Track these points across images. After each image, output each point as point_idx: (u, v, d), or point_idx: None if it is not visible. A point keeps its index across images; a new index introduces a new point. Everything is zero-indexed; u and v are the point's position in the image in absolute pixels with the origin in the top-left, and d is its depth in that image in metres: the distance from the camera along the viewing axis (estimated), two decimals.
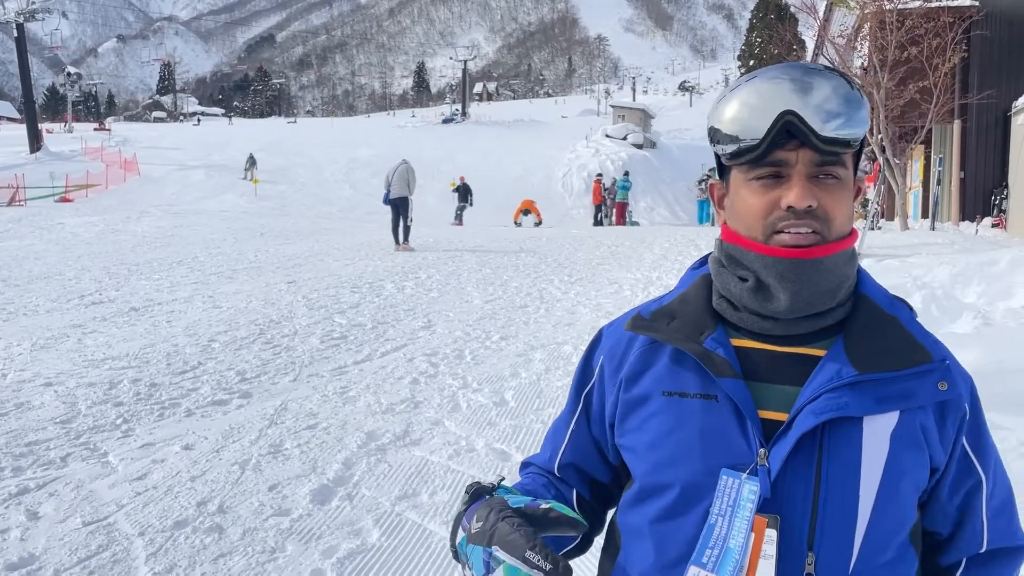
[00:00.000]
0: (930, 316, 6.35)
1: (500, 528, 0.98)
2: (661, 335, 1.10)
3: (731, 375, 1.04)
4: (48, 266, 12.75)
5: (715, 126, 1.08)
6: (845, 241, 1.06)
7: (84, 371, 6.44)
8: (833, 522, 1.00)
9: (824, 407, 1.00)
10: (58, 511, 3.91)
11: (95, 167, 37.86)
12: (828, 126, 1.00)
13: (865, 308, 1.09)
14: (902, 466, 1.02)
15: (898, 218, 13.44)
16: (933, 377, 1.04)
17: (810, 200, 1.01)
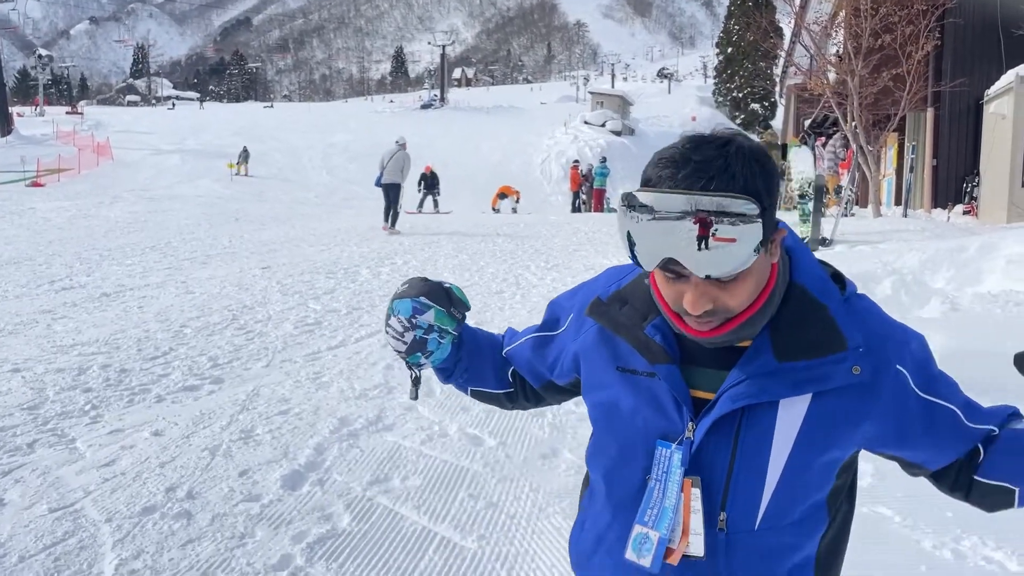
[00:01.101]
0: (899, 302, 6.43)
1: (429, 287, 1.41)
2: (611, 324, 1.26)
3: (665, 361, 1.20)
4: (18, 251, 12.56)
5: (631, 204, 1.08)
6: (752, 307, 1.12)
7: (53, 357, 6.37)
8: (743, 488, 1.16)
9: (742, 393, 1.14)
10: (24, 497, 3.87)
11: (67, 151, 37.24)
12: (711, 272, 1.05)
13: (795, 299, 1.18)
14: (813, 443, 1.16)
15: (871, 205, 13.56)
16: (847, 363, 1.15)
17: (705, 306, 1.09)
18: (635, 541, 1.19)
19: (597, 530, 1.31)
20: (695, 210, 1.02)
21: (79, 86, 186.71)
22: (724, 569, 1.19)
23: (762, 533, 1.18)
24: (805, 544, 1.23)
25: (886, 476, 4.22)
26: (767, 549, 1.19)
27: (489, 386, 1.53)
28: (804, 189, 10.61)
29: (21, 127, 44.28)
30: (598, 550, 1.31)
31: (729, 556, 1.18)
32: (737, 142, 1.10)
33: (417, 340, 1.40)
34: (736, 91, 69.17)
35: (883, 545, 3.58)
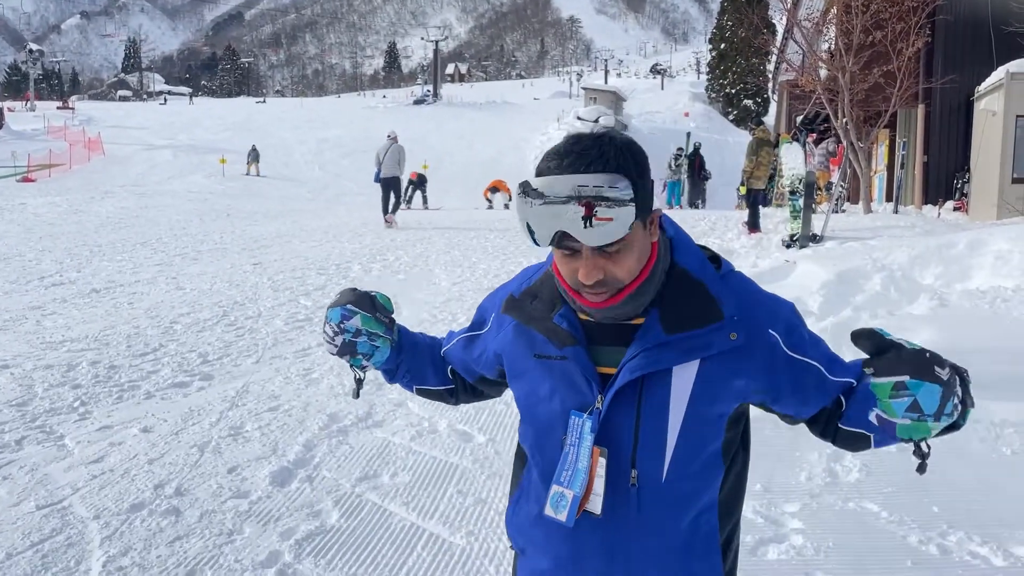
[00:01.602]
0: (888, 298, 6.45)
1: (356, 296, 1.57)
2: (523, 318, 1.45)
3: (572, 343, 1.37)
4: (8, 247, 12.52)
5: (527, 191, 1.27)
6: (637, 280, 1.31)
7: (42, 353, 6.35)
8: (648, 446, 1.34)
9: (639, 364, 1.32)
10: (11, 494, 3.86)
11: (58, 146, 37.08)
12: (593, 242, 1.23)
13: (677, 278, 1.37)
14: (704, 400, 1.34)
15: (862, 201, 13.59)
16: (725, 331, 1.33)
17: (597, 275, 1.28)
18: (552, 499, 1.36)
19: (528, 499, 1.47)
20: (579, 195, 1.22)
21: (70, 81, 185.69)
22: (638, 519, 1.36)
23: (669, 484, 1.35)
24: (707, 491, 1.39)
25: (873, 471, 4.25)
26: (674, 498, 1.36)
27: (431, 383, 1.71)
28: (795, 185, 10.64)
29: (11, 122, 44.07)
30: (530, 514, 1.46)
31: (641, 508, 1.35)
32: (611, 135, 1.30)
33: (347, 343, 1.56)
34: (729, 87, 69.22)
35: (869, 540, 3.61)
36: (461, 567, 3.34)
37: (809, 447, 4.51)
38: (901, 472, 4.25)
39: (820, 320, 6.00)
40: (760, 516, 3.76)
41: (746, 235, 11.97)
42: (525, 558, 1.52)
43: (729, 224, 13.63)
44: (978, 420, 4.77)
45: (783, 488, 4.06)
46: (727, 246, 10.91)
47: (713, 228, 13.24)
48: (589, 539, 1.38)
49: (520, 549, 1.52)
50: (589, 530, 1.38)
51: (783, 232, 11.42)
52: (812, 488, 4.06)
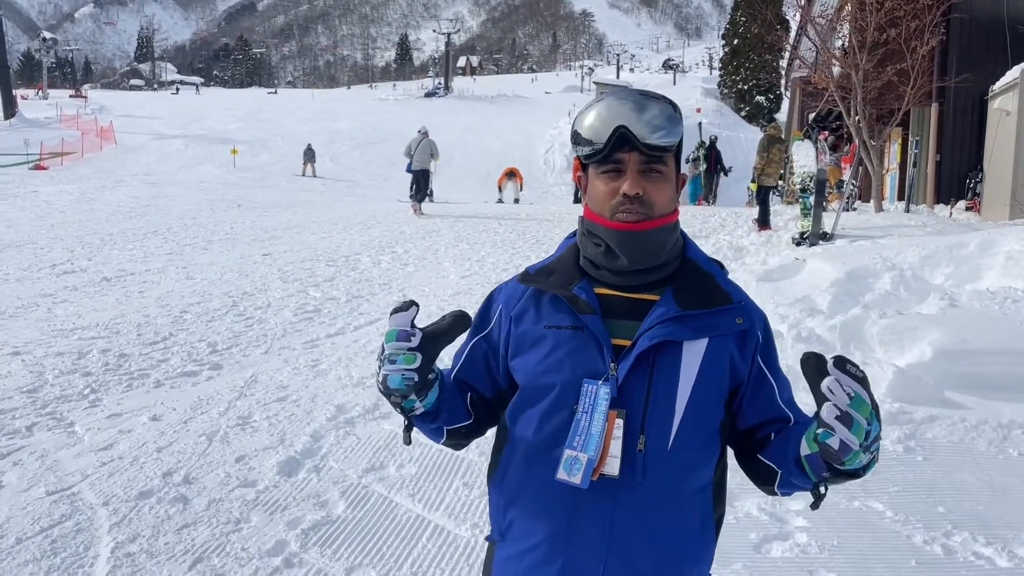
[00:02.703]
0: (898, 297, 6.43)
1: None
2: (542, 285, 1.51)
3: (590, 312, 1.45)
4: (20, 234, 12.59)
5: (576, 130, 1.47)
6: (666, 218, 1.47)
7: (53, 340, 6.40)
8: (658, 415, 1.41)
9: (655, 334, 1.41)
10: (22, 480, 3.90)
11: (71, 135, 37.22)
12: (650, 137, 1.41)
13: (688, 266, 1.52)
14: (709, 376, 1.43)
15: (873, 200, 13.53)
16: (732, 314, 1.47)
17: (637, 189, 1.42)
18: (566, 463, 1.39)
19: (523, 471, 1.48)
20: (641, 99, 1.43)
21: (83, 69, 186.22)
22: (643, 484, 1.40)
23: (674, 453, 1.41)
24: (706, 467, 1.46)
25: (879, 471, 4.24)
26: (677, 467, 1.42)
27: (462, 419, 1.58)
28: (806, 183, 10.59)
29: (25, 110, 44.23)
30: (523, 486, 1.48)
31: (647, 473, 1.40)
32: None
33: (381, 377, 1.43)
34: (741, 83, 68.86)
35: (874, 539, 3.61)
36: (465, 559, 3.36)
37: None
38: (907, 472, 4.26)
39: (829, 318, 5.98)
40: (765, 513, 3.76)
41: (756, 232, 11.94)
42: (505, 543, 1.51)
43: (739, 221, 13.59)
44: (985, 421, 4.76)
45: None
46: (737, 243, 10.88)
47: (723, 225, 13.20)
48: (589, 506, 1.40)
49: (501, 532, 1.52)
50: (591, 495, 1.39)
51: (793, 230, 11.38)
52: None
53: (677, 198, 1.52)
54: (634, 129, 1.40)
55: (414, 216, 16.28)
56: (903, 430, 4.66)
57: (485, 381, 1.61)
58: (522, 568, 1.46)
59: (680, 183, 1.53)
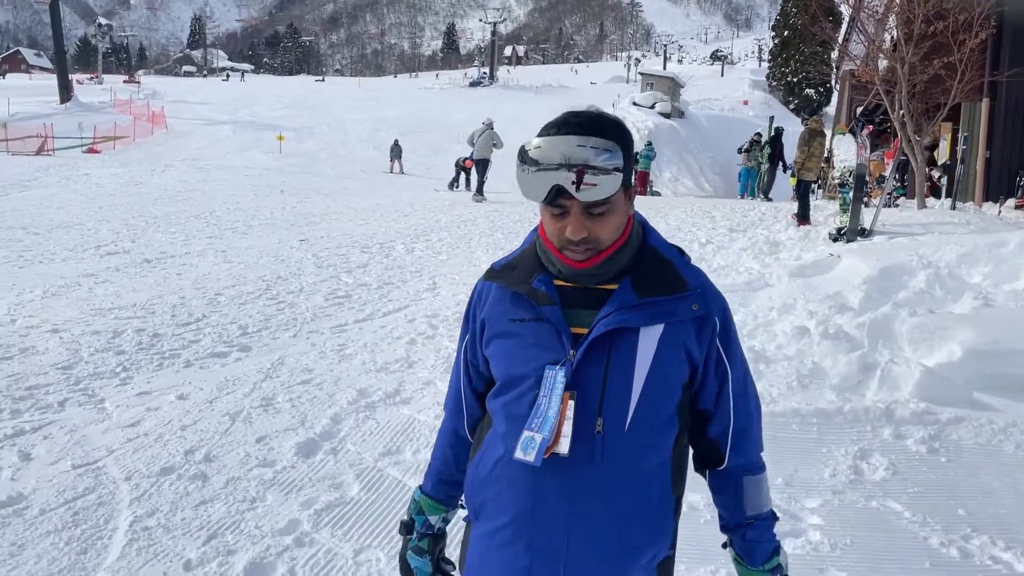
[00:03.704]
0: (933, 295, 6.29)
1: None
2: (504, 282, 1.58)
3: (549, 304, 1.50)
4: (69, 215, 12.94)
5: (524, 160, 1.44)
6: (615, 244, 1.49)
7: (91, 319, 6.58)
8: (615, 397, 1.46)
9: (610, 321, 1.46)
10: (50, 453, 4.03)
11: (123, 119, 38.10)
12: (585, 197, 1.40)
13: (648, 254, 1.55)
14: (666, 361, 1.48)
15: (917, 196, 13.21)
16: (689, 301, 1.51)
17: (582, 233, 1.44)
18: (523, 443, 1.46)
19: (496, 454, 1.55)
20: (570, 161, 1.38)
21: (137, 55, 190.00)
22: (602, 465, 1.46)
23: (631, 434, 1.47)
24: (663, 446, 1.52)
25: (900, 471, 4.18)
26: (635, 447, 1.48)
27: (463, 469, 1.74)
28: (845, 178, 10.38)
29: (80, 94, 45.33)
30: (495, 468, 1.55)
31: (605, 454, 1.46)
32: (600, 112, 1.48)
33: None
34: (791, 76, 67.62)
35: (889, 539, 3.56)
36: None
37: (837, 444, 4.45)
38: (929, 473, 4.18)
39: (858, 315, 5.89)
40: (779, 510, 3.69)
41: (795, 227, 11.76)
42: (479, 522, 1.59)
43: (779, 216, 13.41)
44: (1015, 423, 4.65)
45: (805, 483, 4.02)
46: (774, 238, 10.73)
47: (762, 219, 13.03)
48: (551, 485, 1.46)
49: (475, 512, 1.60)
50: (552, 475, 1.46)
51: (832, 225, 11.19)
52: (835, 485, 4.01)
53: (630, 206, 1.54)
54: (570, 190, 1.40)
55: (452, 203, 16.35)
56: (928, 430, 4.58)
57: (482, 381, 1.71)
58: (493, 545, 1.54)
59: (632, 193, 1.55)
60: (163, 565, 3.11)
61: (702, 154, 42.32)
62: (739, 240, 10.73)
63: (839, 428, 4.63)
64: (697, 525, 3.43)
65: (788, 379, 5.20)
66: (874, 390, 4.99)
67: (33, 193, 15.80)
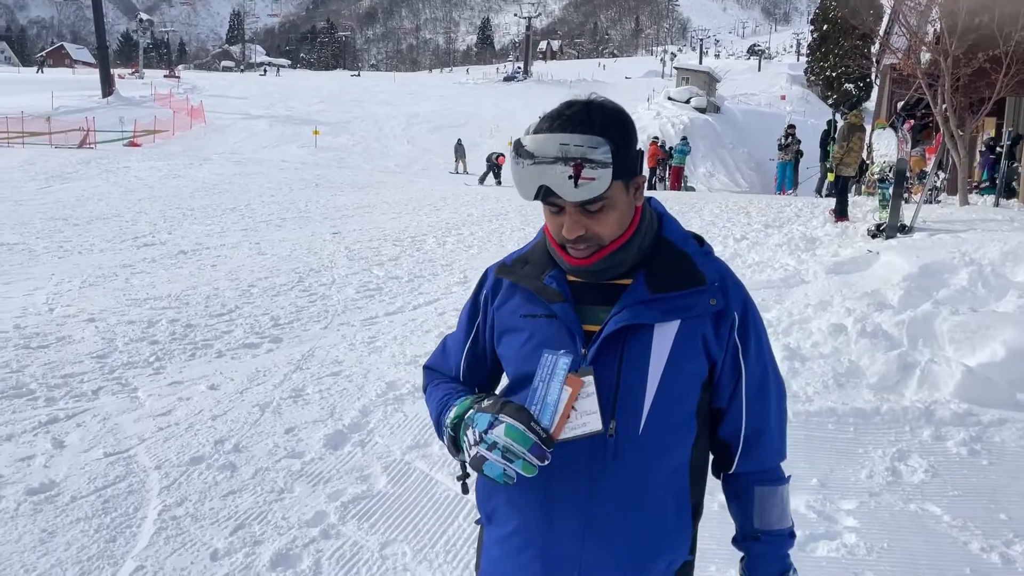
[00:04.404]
0: (975, 294, 6.13)
1: (508, 406, 1.35)
2: (515, 278, 1.52)
3: (560, 301, 1.44)
4: (109, 207, 13.15)
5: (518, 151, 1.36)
6: (620, 239, 1.41)
7: (126, 309, 6.66)
8: (628, 398, 1.39)
9: (622, 317, 1.39)
10: (83, 441, 4.07)
11: (163, 113, 38.63)
12: (575, 197, 1.33)
13: (663, 247, 1.47)
14: (682, 359, 1.40)
15: (959, 192, 12.91)
16: (706, 295, 1.43)
17: (578, 231, 1.37)
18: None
19: None
20: (564, 155, 1.31)
21: (178, 50, 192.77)
22: (614, 469, 1.39)
23: (645, 437, 1.39)
24: (680, 449, 1.44)
25: (940, 473, 4.07)
26: (650, 451, 1.40)
27: None
28: (884, 173, 10.16)
29: (121, 89, 46.04)
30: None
31: (618, 458, 1.39)
32: (601, 102, 1.40)
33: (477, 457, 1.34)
34: (830, 70, 66.56)
35: (927, 543, 3.46)
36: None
37: (874, 444, 4.35)
38: (970, 476, 4.07)
39: (898, 313, 5.75)
40: (813, 511, 3.65)
41: (832, 223, 11.55)
42: (491, 527, 1.53)
43: (815, 211, 13.19)
44: None
45: (841, 485, 3.93)
46: (811, 234, 10.55)
47: (798, 215, 12.82)
48: (563, 490, 1.40)
49: (487, 516, 1.54)
50: (563, 480, 1.39)
51: (870, 221, 10.97)
52: (872, 486, 3.92)
53: (638, 196, 1.45)
54: (559, 191, 1.33)
55: (483, 197, 16.35)
56: (969, 432, 4.45)
57: (485, 371, 1.63)
58: (507, 551, 1.48)
59: (639, 183, 1.44)
60: (190, 554, 3.12)
61: (737, 149, 41.85)
62: (775, 236, 10.56)
63: (876, 428, 4.52)
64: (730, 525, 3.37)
65: (824, 378, 5.09)
66: (913, 390, 4.87)
67: (75, 185, 16.09)
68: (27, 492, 3.51)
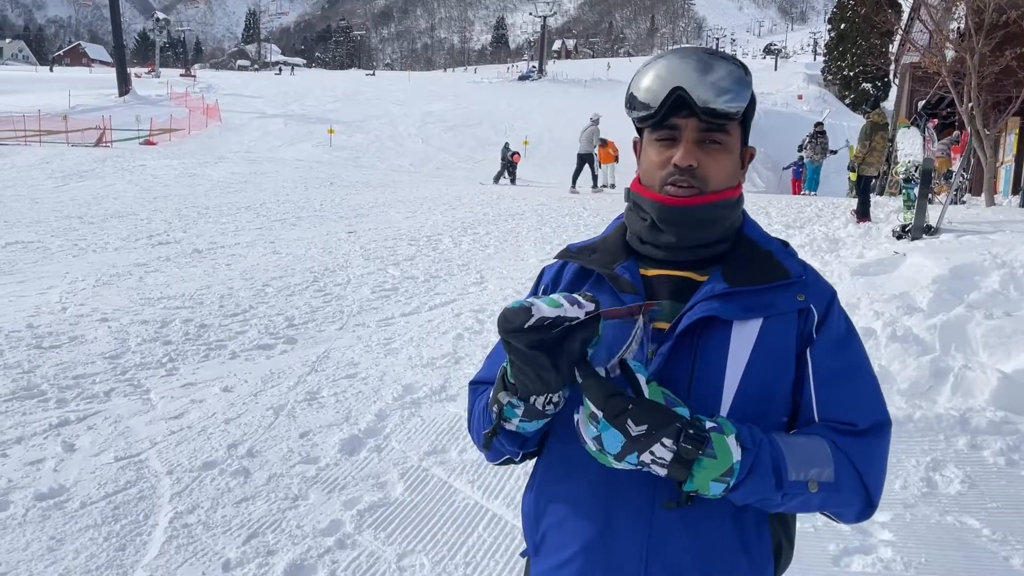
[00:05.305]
0: (1008, 297, 5.95)
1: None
2: (584, 262, 1.40)
3: (632, 292, 1.31)
4: (124, 205, 13.12)
5: (632, 93, 1.33)
6: (722, 193, 1.32)
7: (140, 308, 6.58)
8: (701, 405, 1.23)
9: (698, 311, 1.26)
10: (94, 445, 3.98)
11: (179, 112, 38.74)
12: (711, 100, 1.26)
13: (743, 243, 1.37)
14: (764, 363, 1.25)
15: (985, 193, 12.68)
16: (792, 290, 1.30)
17: (690, 160, 1.28)
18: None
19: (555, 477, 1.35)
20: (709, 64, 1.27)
21: (194, 50, 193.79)
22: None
23: None
24: None
25: (977, 484, 3.92)
26: None
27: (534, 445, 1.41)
28: (910, 173, 9.97)
29: (138, 88, 46.24)
30: (558, 494, 1.33)
31: None
32: None
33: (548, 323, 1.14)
34: (847, 69, 66.03)
35: (966, 558, 3.32)
36: (521, 551, 3.23)
37: (907, 454, 4.20)
38: (1008, 487, 3.91)
39: (928, 317, 5.58)
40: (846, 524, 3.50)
41: (854, 224, 11.36)
42: (539, 558, 1.38)
43: (836, 212, 12.99)
44: None
45: None
46: (833, 234, 10.37)
47: (820, 215, 12.63)
48: (624, 509, 1.25)
49: (535, 547, 1.39)
50: (625, 498, 1.25)
51: (894, 222, 10.77)
52: (907, 498, 3.77)
53: (742, 173, 1.38)
54: (693, 92, 1.26)
55: (499, 197, 16.24)
56: (1006, 441, 4.29)
57: None
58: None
59: (747, 156, 1.39)
60: (202, 564, 3.02)
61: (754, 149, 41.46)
62: (796, 237, 10.39)
63: (909, 437, 4.36)
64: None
65: None
66: (947, 397, 4.71)
67: (91, 183, 16.09)
68: (36, 497, 3.42)
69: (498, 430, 1.30)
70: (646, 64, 1.33)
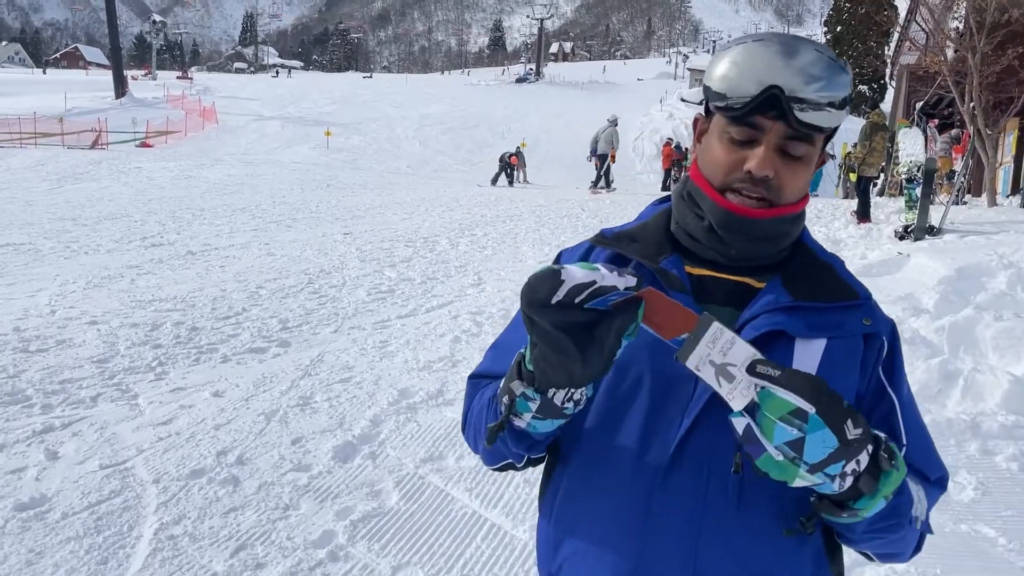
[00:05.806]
0: (1015, 298, 5.84)
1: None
2: (624, 250, 1.21)
3: (680, 291, 1.13)
4: (118, 207, 12.99)
5: (707, 85, 1.15)
6: (791, 207, 1.17)
7: (130, 311, 6.45)
8: None
9: (762, 323, 1.12)
10: (78, 452, 3.85)
11: (175, 114, 38.57)
12: (811, 111, 1.09)
13: (803, 253, 1.23)
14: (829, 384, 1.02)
15: (986, 193, 12.58)
16: (859, 313, 1.18)
17: (768, 171, 1.11)
18: None
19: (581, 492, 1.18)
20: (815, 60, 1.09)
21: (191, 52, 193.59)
22: (736, 515, 1.09)
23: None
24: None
25: (991, 491, 3.81)
26: (785, 495, 1.06)
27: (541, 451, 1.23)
28: (912, 173, 9.87)
29: (134, 90, 46.07)
30: (585, 513, 1.16)
31: (743, 501, 1.09)
32: None
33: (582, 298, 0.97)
34: None
35: (982, 568, 3.21)
36: (522, 564, 3.11)
37: None
38: (1023, 495, 3.80)
39: (936, 319, 5.47)
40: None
41: (855, 225, 11.25)
42: None
43: (836, 213, 12.89)
44: None
45: None
46: (834, 236, 10.28)
47: (819, 216, 12.53)
48: (666, 534, 1.09)
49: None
50: (666, 521, 1.09)
51: (895, 223, 10.67)
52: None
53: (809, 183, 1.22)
54: (794, 93, 1.07)
55: (496, 198, 16.13)
56: (1019, 446, 4.18)
57: None
58: None
59: (820, 163, 1.22)
60: None
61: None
62: None
63: None
64: None
65: None
66: (957, 400, 4.59)
67: (85, 186, 15.95)
68: (16, 508, 3.29)
69: (505, 425, 1.10)
70: (726, 48, 1.15)
